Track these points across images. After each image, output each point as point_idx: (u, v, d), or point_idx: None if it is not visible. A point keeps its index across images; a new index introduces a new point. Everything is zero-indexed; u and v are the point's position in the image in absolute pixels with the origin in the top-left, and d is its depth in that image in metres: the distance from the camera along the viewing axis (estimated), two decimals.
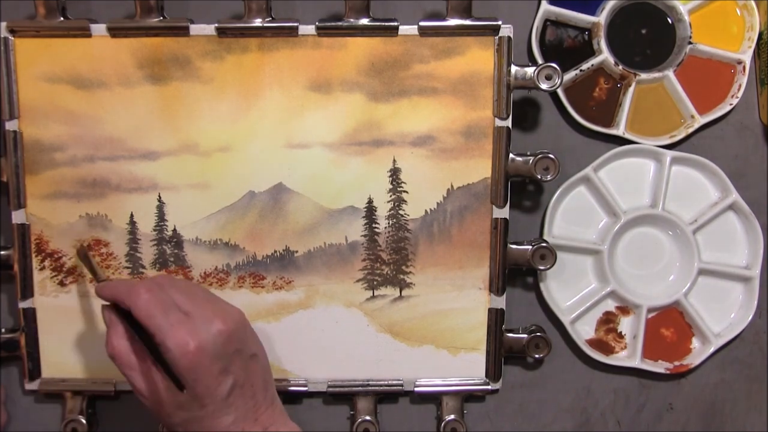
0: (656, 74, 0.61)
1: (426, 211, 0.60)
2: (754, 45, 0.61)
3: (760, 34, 0.61)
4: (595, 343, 0.63)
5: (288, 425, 0.52)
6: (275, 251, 0.60)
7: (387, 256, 0.60)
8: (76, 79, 0.58)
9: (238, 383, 0.49)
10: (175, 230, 0.60)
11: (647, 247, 0.63)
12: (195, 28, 0.58)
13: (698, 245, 0.62)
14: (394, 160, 0.59)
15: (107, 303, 0.51)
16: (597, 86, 0.62)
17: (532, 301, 0.64)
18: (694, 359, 0.63)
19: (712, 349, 0.62)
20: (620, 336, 0.63)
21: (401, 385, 0.61)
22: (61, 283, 0.60)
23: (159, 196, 0.59)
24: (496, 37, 0.58)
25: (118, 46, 0.58)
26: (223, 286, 0.60)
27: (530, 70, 0.57)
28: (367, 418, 0.61)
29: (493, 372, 0.61)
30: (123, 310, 0.49)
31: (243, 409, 0.49)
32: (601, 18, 0.60)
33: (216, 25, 0.57)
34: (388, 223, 0.60)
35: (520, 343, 0.61)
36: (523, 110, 0.62)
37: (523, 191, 0.63)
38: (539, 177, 0.58)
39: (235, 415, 0.49)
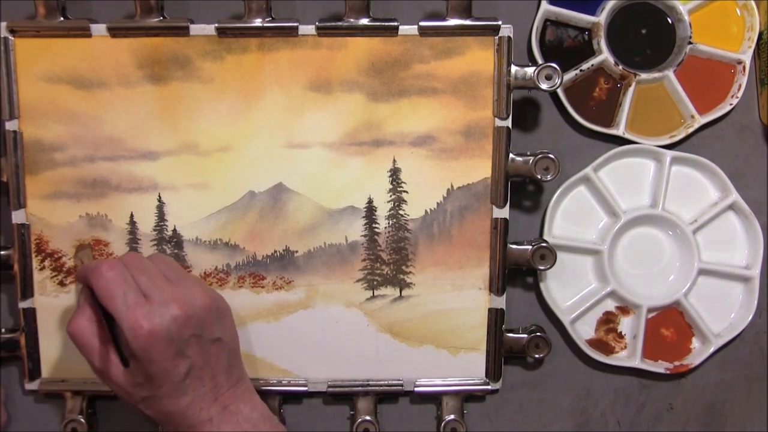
0: (656, 74, 0.61)
1: (426, 211, 0.60)
2: (754, 45, 0.61)
3: (760, 34, 0.61)
4: (595, 343, 0.63)
5: (252, 401, 0.53)
6: (275, 251, 0.60)
7: (387, 256, 0.60)
8: (76, 79, 0.58)
9: (196, 366, 0.50)
10: (175, 230, 0.60)
11: (647, 247, 0.63)
12: (195, 28, 0.58)
13: (698, 245, 0.62)
14: (394, 160, 0.59)
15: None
16: (597, 86, 0.62)
17: (532, 301, 0.64)
18: (694, 359, 0.63)
19: (712, 349, 0.62)
20: (620, 336, 0.63)
21: (401, 385, 0.61)
22: (61, 283, 0.60)
23: (159, 196, 0.59)
24: (496, 37, 0.58)
25: (118, 46, 0.58)
26: (223, 286, 0.60)
27: (530, 70, 0.57)
28: (367, 418, 0.61)
29: (493, 372, 0.61)
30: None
31: (201, 390, 0.50)
32: (601, 18, 0.60)
33: (216, 25, 0.57)
34: (388, 223, 0.60)
35: (520, 343, 0.61)
36: (523, 110, 0.62)
37: (523, 191, 0.63)
38: (539, 177, 0.58)
39: (193, 395, 0.50)
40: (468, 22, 0.57)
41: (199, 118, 0.59)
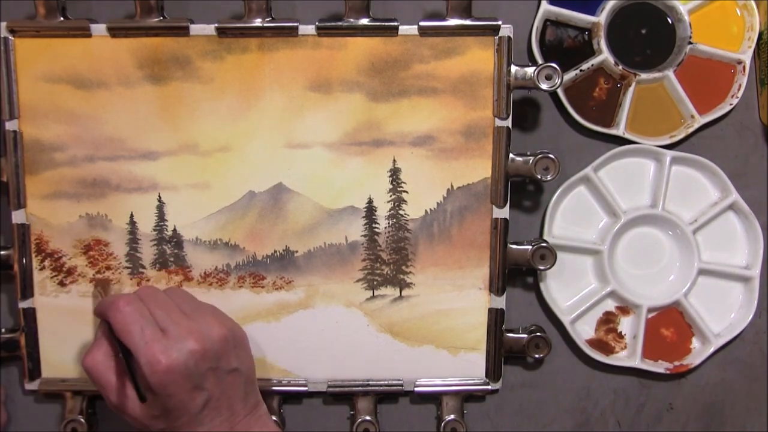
0: (656, 74, 0.61)
1: (426, 211, 0.60)
2: (754, 45, 0.61)
3: (760, 34, 0.61)
4: (595, 343, 0.63)
5: (267, 426, 0.53)
6: (275, 251, 0.60)
7: (387, 256, 0.60)
8: (76, 79, 0.58)
9: (213, 397, 0.50)
10: (175, 230, 0.60)
11: (647, 247, 0.63)
12: (195, 28, 0.58)
13: (698, 245, 0.62)
14: (394, 160, 0.59)
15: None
16: (597, 86, 0.62)
17: (532, 301, 0.64)
18: (694, 359, 0.63)
19: (712, 349, 0.62)
20: (620, 336, 0.63)
21: (401, 385, 0.61)
22: (61, 283, 0.60)
23: (159, 196, 0.59)
24: (496, 37, 0.58)
25: (118, 46, 0.58)
26: (223, 286, 0.60)
27: (530, 70, 0.57)
28: (367, 418, 0.61)
29: (493, 372, 0.61)
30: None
31: (218, 420, 0.50)
32: (601, 18, 0.60)
33: (216, 25, 0.57)
34: (388, 223, 0.60)
35: (520, 343, 0.61)
36: (523, 110, 0.62)
37: (523, 191, 0.63)
38: (539, 177, 0.58)
39: (210, 425, 0.50)
40: (468, 22, 0.57)
41: (199, 118, 0.58)
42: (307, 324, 0.61)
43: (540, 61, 0.60)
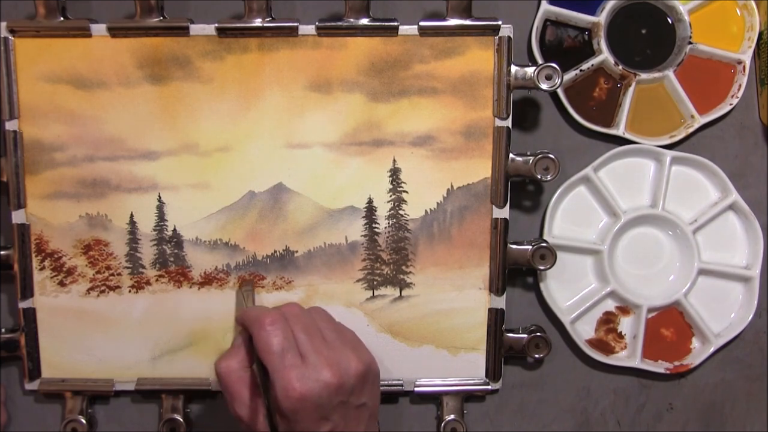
0: (656, 74, 0.61)
1: (426, 211, 0.60)
2: (754, 45, 0.61)
3: (760, 34, 0.61)
4: (595, 343, 0.63)
5: None
6: (275, 251, 0.60)
7: (387, 256, 0.60)
8: (76, 79, 0.58)
9: (337, 428, 0.50)
10: (175, 230, 0.60)
11: (647, 247, 0.63)
12: (195, 28, 0.58)
13: (698, 245, 0.62)
14: (394, 160, 0.59)
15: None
16: (597, 86, 0.62)
17: (532, 301, 0.64)
18: (694, 359, 0.63)
19: (712, 349, 0.62)
20: (620, 336, 0.63)
21: (401, 385, 0.61)
22: (61, 283, 0.60)
23: (159, 196, 0.59)
24: (496, 37, 0.58)
25: (118, 46, 0.58)
26: (223, 286, 0.60)
27: (530, 70, 0.57)
28: None
29: (493, 372, 0.61)
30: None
31: None
32: (601, 18, 0.60)
33: (216, 25, 0.57)
34: (388, 223, 0.60)
35: (520, 343, 0.61)
36: (523, 110, 0.62)
37: (523, 191, 0.63)
38: (539, 177, 0.58)
39: None
40: (468, 22, 0.57)
41: (199, 118, 0.59)
42: None
43: (540, 61, 0.60)
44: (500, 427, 0.64)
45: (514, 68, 0.58)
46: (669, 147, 0.62)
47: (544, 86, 0.57)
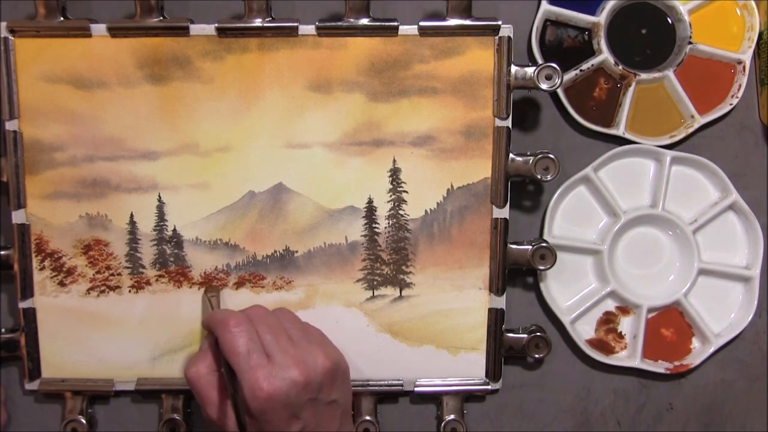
0: (656, 74, 0.61)
1: (426, 211, 0.60)
2: (754, 45, 0.61)
3: (760, 34, 0.61)
4: (595, 343, 0.63)
5: None
6: (275, 251, 0.60)
7: (387, 256, 0.60)
8: (76, 79, 0.58)
9: (308, 426, 0.50)
10: (175, 230, 0.60)
11: (647, 247, 0.63)
12: (195, 28, 0.58)
13: (698, 245, 0.62)
14: (394, 160, 0.59)
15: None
16: (597, 86, 0.62)
17: (532, 301, 0.64)
18: (694, 359, 0.63)
19: (712, 349, 0.62)
20: (620, 336, 0.63)
21: (401, 385, 0.61)
22: (61, 283, 0.60)
23: (159, 196, 0.59)
24: (496, 37, 0.58)
25: (118, 46, 0.58)
26: (223, 287, 0.60)
27: (530, 70, 0.57)
28: (367, 418, 0.61)
29: (493, 372, 0.61)
30: None
31: None
32: (601, 18, 0.60)
33: (216, 25, 0.57)
34: (388, 223, 0.60)
35: (520, 343, 0.61)
36: (523, 110, 0.62)
37: (523, 191, 0.63)
38: (539, 177, 0.58)
39: None
40: (468, 22, 0.57)
41: (199, 118, 0.59)
42: None
43: (540, 61, 0.60)
44: (500, 427, 0.64)
45: (514, 68, 0.58)
46: (669, 147, 0.62)
47: (544, 86, 0.57)
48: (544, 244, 0.59)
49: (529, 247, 0.59)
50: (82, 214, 0.59)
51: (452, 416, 0.61)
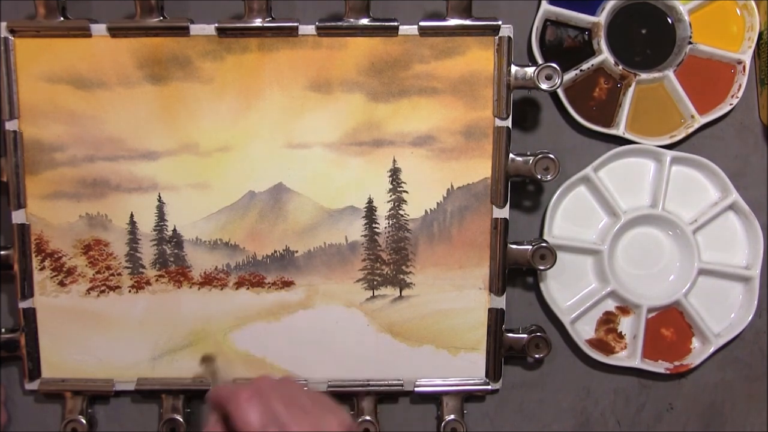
0: (656, 74, 0.61)
1: (426, 211, 0.60)
2: (754, 45, 0.61)
3: (760, 34, 0.61)
4: (595, 343, 0.63)
5: None
6: (275, 251, 0.60)
7: (387, 256, 0.60)
8: (76, 79, 0.58)
9: None
10: (175, 230, 0.60)
11: (647, 247, 0.63)
12: (195, 28, 0.58)
13: (698, 245, 0.62)
14: (394, 160, 0.59)
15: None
16: (597, 86, 0.62)
17: (532, 301, 0.64)
18: (694, 359, 0.63)
19: (712, 349, 0.62)
20: (620, 336, 0.63)
21: (401, 385, 0.61)
22: (61, 283, 0.60)
23: (159, 196, 0.59)
24: (496, 37, 0.58)
25: (118, 46, 0.58)
26: (223, 287, 0.60)
27: (530, 70, 0.57)
28: (367, 418, 0.61)
29: (493, 372, 0.61)
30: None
31: None
32: (601, 18, 0.60)
33: (216, 25, 0.57)
34: (388, 223, 0.60)
35: (520, 343, 0.61)
36: (523, 110, 0.62)
37: (523, 191, 0.63)
38: (539, 177, 0.58)
39: None
40: (468, 22, 0.57)
41: (199, 118, 0.59)
42: (307, 324, 0.61)
43: (540, 61, 0.60)
44: (500, 427, 0.64)
45: (514, 68, 0.58)
46: (669, 147, 0.62)
47: (544, 86, 0.57)
48: (544, 244, 0.59)
49: (529, 247, 0.59)
50: (82, 214, 0.59)
51: (452, 416, 0.61)
